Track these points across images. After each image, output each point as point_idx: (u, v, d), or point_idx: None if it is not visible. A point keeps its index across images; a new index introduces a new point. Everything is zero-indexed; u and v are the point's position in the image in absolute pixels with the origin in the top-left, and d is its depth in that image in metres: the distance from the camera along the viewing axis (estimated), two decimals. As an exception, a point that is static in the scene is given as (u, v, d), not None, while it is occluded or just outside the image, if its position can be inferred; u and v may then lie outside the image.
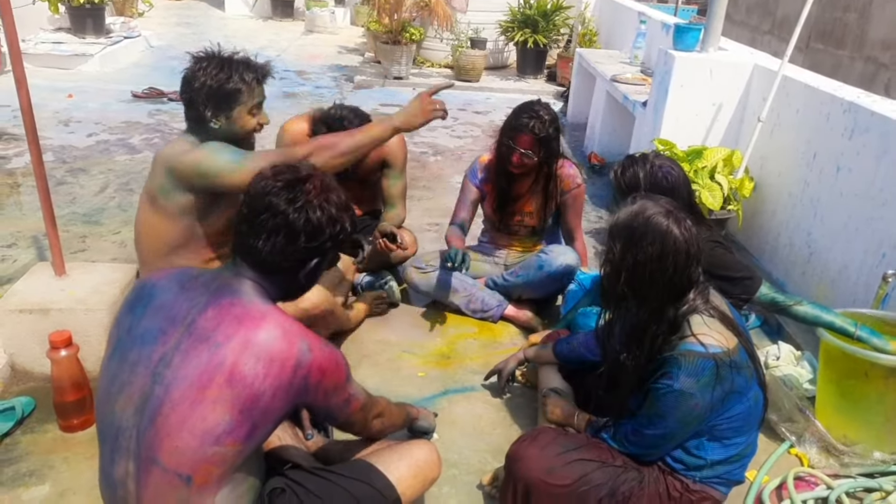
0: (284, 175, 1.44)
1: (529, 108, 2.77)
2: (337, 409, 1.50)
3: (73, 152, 4.76)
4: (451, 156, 5.28)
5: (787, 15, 9.26)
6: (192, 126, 2.22)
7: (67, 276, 2.56)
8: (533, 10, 7.76)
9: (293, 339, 1.36)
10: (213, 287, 1.41)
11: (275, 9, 11.27)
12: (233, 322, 1.35)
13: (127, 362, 1.39)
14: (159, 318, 1.39)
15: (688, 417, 1.70)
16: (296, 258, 1.46)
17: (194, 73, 2.14)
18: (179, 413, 1.31)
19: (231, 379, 1.31)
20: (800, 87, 3.38)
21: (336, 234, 1.47)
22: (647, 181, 2.21)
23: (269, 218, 1.41)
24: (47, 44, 7.07)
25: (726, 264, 2.29)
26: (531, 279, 2.91)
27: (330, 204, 1.45)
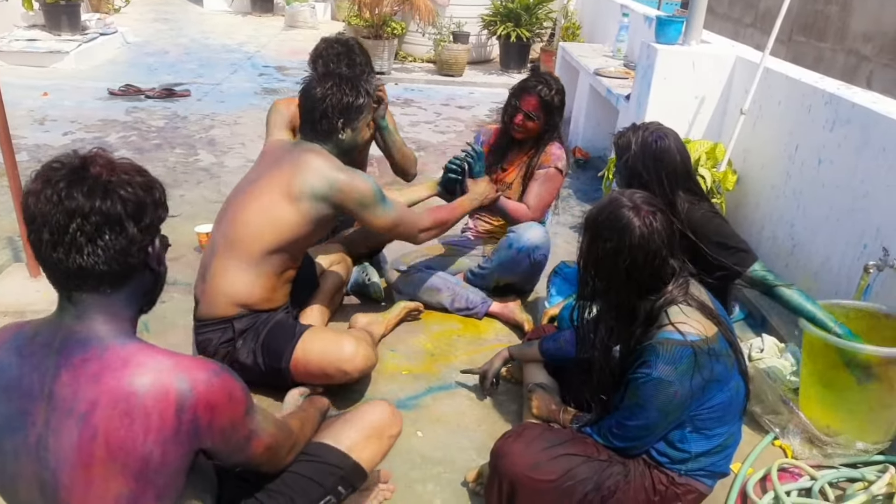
0: (60, 172, 1.16)
1: (540, 75, 2.96)
2: (236, 449, 1.30)
3: (49, 151, 4.68)
4: (435, 151, 5.26)
5: (770, 7, 9.31)
6: (317, 136, 2.35)
7: (42, 278, 2.48)
8: (515, 4, 7.73)
9: (167, 380, 1.16)
10: (56, 345, 1.18)
11: (254, 4, 11.16)
12: (90, 383, 1.14)
13: (8, 454, 1.21)
14: (14, 401, 1.19)
15: (668, 406, 1.70)
16: (136, 249, 1.21)
17: (326, 91, 2.30)
18: (77, 496, 1.16)
19: (110, 450, 1.13)
20: (781, 79, 3.39)
21: (158, 200, 1.24)
22: (637, 145, 2.30)
23: (82, 223, 1.14)
24: (21, 41, 6.96)
25: (724, 233, 2.34)
26: (503, 259, 2.91)
27: (128, 173, 1.20)
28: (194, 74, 7.10)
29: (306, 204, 2.25)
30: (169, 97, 6.15)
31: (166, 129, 5.35)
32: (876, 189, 2.65)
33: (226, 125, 5.54)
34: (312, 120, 2.32)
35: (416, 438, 2.28)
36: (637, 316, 1.76)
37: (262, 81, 7.04)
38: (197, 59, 7.81)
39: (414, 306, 2.97)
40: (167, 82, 6.53)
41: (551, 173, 2.93)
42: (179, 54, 8.04)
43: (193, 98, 6.23)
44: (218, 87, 6.68)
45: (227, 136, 5.23)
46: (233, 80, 6.98)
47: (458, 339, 2.89)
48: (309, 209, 2.25)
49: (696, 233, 2.28)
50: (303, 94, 2.35)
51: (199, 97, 6.28)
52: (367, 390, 2.50)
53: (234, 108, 5.99)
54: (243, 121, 5.66)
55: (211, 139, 5.15)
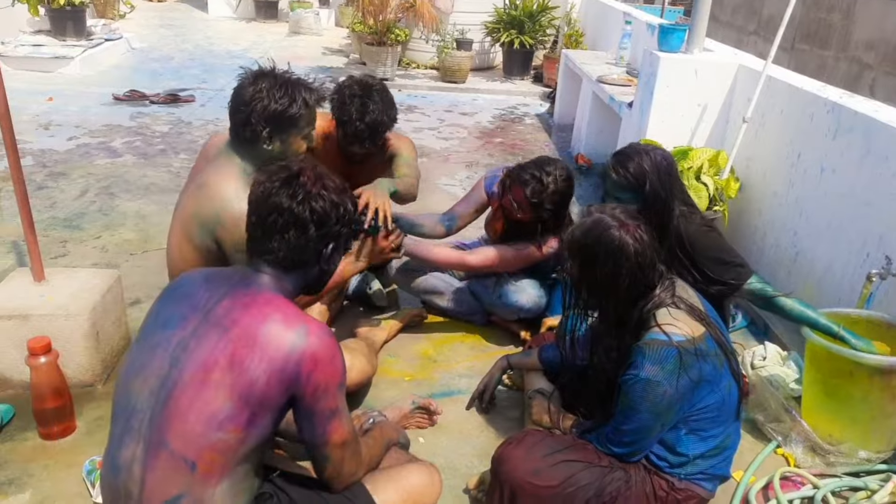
0: (279, 174, 1.50)
1: (542, 167, 2.61)
2: (320, 418, 1.43)
3: (53, 156, 4.70)
4: (438, 157, 5.27)
5: (773, 15, 9.33)
6: (240, 144, 2.10)
7: (47, 282, 2.51)
8: (519, 11, 7.76)
9: (291, 323, 1.39)
10: (234, 280, 1.48)
11: (258, 10, 11.21)
12: (241, 309, 1.40)
13: (148, 345, 1.44)
14: (183, 306, 1.45)
15: (658, 407, 1.71)
16: (311, 249, 1.51)
17: (254, 93, 2.03)
18: (188, 396, 1.34)
19: (231, 363, 1.34)
20: (784, 87, 3.40)
21: (342, 216, 1.53)
22: (653, 170, 2.21)
23: (277, 217, 1.46)
24: (27, 46, 6.99)
25: (720, 247, 2.32)
26: (493, 303, 2.87)
27: (328, 190, 1.50)
28: (199, 80, 7.13)
29: (195, 230, 2.06)
30: (173, 103, 6.18)
31: (170, 134, 5.37)
32: (878, 197, 2.66)
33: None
34: (236, 123, 2.06)
35: (419, 444, 2.28)
36: (627, 322, 1.78)
37: (266, 87, 7.05)
38: (201, 65, 7.85)
39: (417, 312, 2.97)
40: (172, 88, 6.56)
41: (531, 252, 2.72)
42: (184, 60, 8.07)
43: (197, 104, 6.26)
44: (222, 92, 6.70)
45: (230, 142, 5.24)
46: (237, 86, 7.01)
47: (460, 345, 2.89)
48: (198, 238, 2.06)
49: (692, 248, 2.28)
50: (233, 93, 2.09)
51: (203, 103, 6.30)
52: (368, 397, 2.50)
53: (237, 114, 6.00)
54: (247, 126, 5.67)
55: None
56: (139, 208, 3.96)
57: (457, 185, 4.71)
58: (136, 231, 3.69)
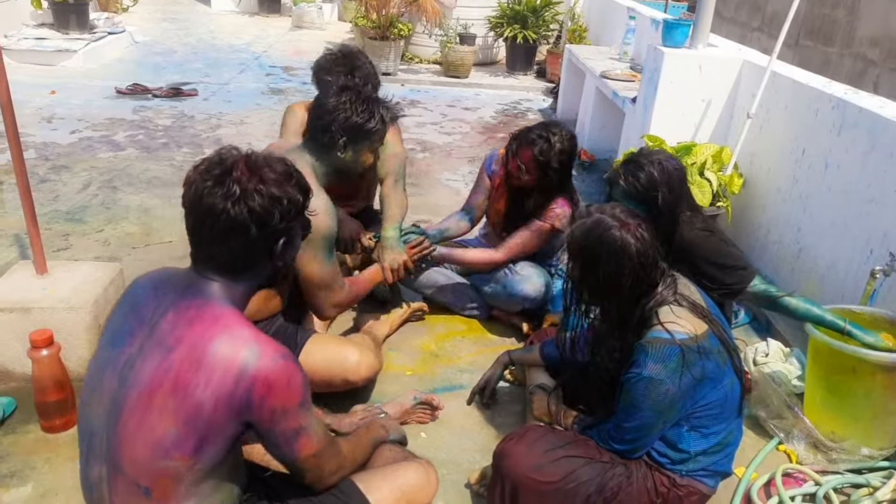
0: (212, 171, 1.33)
1: (547, 127, 2.68)
2: (283, 440, 1.33)
3: (56, 149, 4.70)
4: (440, 152, 5.26)
5: (777, 11, 9.30)
6: (316, 147, 2.21)
7: (49, 275, 2.52)
8: (522, 6, 7.73)
9: (240, 345, 1.26)
10: (180, 288, 1.36)
11: (261, 4, 11.19)
12: (185, 326, 1.29)
13: (100, 364, 1.37)
14: (131, 320, 1.36)
15: (661, 405, 1.71)
16: (258, 249, 1.37)
17: (338, 103, 2.17)
18: (135, 420, 1.26)
19: (175, 386, 1.24)
20: (788, 83, 3.38)
21: (288, 210, 1.37)
22: (664, 182, 2.15)
23: (214, 222, 1.31)
24: (30, 39, 6.99)
25: (720, 252, 2.29)
26: (497, 294, 2.87)
27: (267, 184, 1.33)
28: (201, 74, 7.12)
29: None
30: (176, 96, 6.17)
31: (173, 127, 5.36)
32: (883, 194, 2.64)
33: (232, 125, 5.55)
34: (315, 129, 2.20)
35: (421, 440, 2.28)
36: (630, 321, 1.77)
37: (269, 81, 7.05)
38: (204, 59, 7.84)
39: (418, 306, 2.97)
40: (174, 81, 6.55)
41: (543, 228, 2.76)
42: (187, 54, 8.06)
43: (200, 97, 6.25)
44: (225, 86, 6.70)
45: (233, 136, 5.24)
46: (240, 80, 7.00)
47: (462, 340, 2.89)
48: None
49: (692, 254, 2.25)
50: (316, 101, 2.26)
51: (206, 97, 6.29)
52: (371, 392, 2.50)
53: (240, 108, 6.01)
54: (250, 120, 5.68)
55: (217, 138, 5.16)
56: (142, 202, 3.96)
57: (459, 179, 4.71)
58: (139, 224, 3.68)
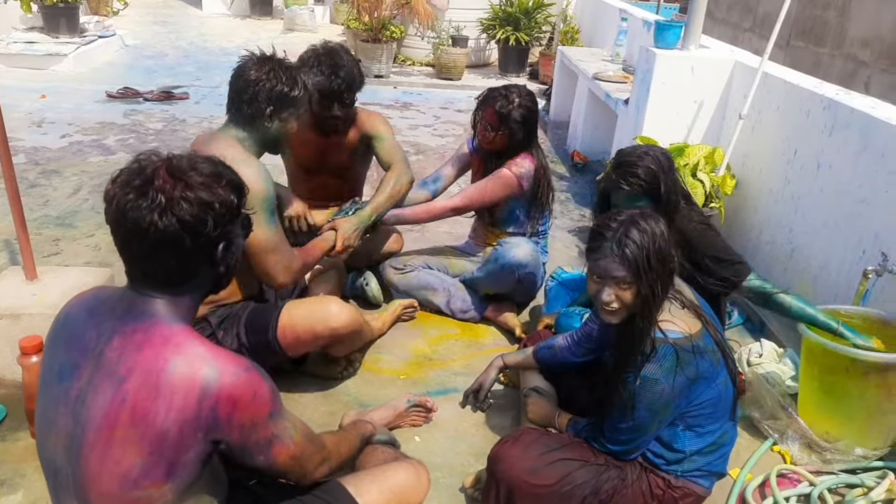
0: (132, 182, 1.24)
1: (506, 87, 2.81)
2: (256, 450, 1.29)
3: (46, 154, 4.68)
4: (433, 154, 5.25)
5: (768, 12, 9.33)
6: (240, 121, 2.22)
7: (39, 281, 2.50)
8: (514, 8, 7.74)
9: (197, 365, 1.21)
10: (119, 311, 1.28)
11: (253, 7, 11.17)
12: (133, 352, 1.22)
13: (51, 400, 1.29)
14: (72, 352, 1.28)
15: (656, 405, 1.70)
16: (196, 259, 1.28)
17: (261, 74, 2.18)
18: (97, 456, 1.21)
19: (134, 417, 1.18)
20: (780, 83, 3.39)
21: (222, 214, 1.28)
22: (660, 170, 2.19)
23: (142, 238, 1.22)
24: (20, 44, 6.95)
25: (717, 246, 2.32)
26: (490, 271, 2.86)
27: (193, 189, 1.24)
28: (192, 77, 7.10)
29: None
30: (167, 100, 6.15)
31: (164, 131, 5.34)
32: (875, 194, 2.65)
33: (224, 128, 5.53)
34: (240, 101, 2.19)
35: (415, 443, 2.27)
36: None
37: (261, 84, 7.02)
38: (195, 62, 7.82)
39: (409, 303, 2.96)
40: (165, 85, 6.53)
41: (503, 173, 2.79)
42: (178, 57, 8.04)
43: (192, 101, 6.23)
44: (216, 89, 6.67)
45: (225, 139, 5.22)
46: (231, 83, 6.98)
47: (456, 343, 2.88)
48: None
49: (690, 246, 2.27)
50: (235, 74, 2.22)
51: (197, 100, 6.27)
52: (365, 395, 2.49)
53: (232, 111, 5.98)
54: (242, 124, 5.65)
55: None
56: (133, 206, 3.94)
57: (452, 182, 4.69)
58: (130, 229, 3.66)
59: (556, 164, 5.23)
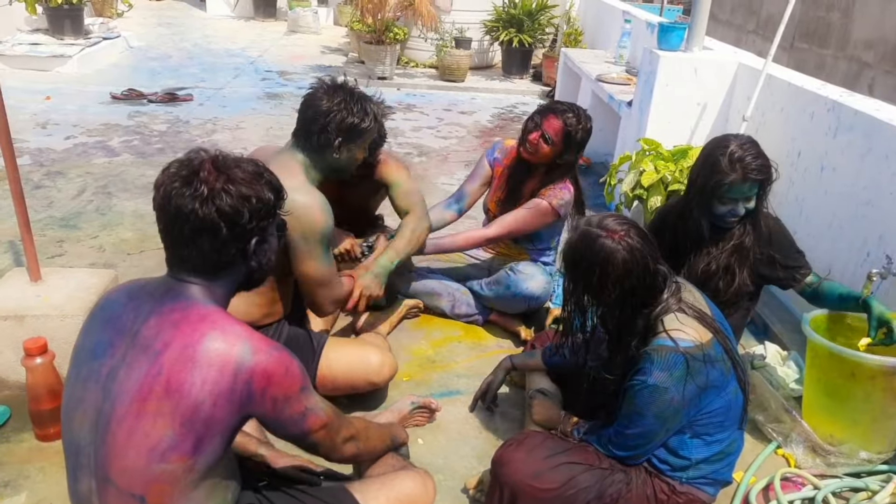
0: (179, 172, 1.34)
1: (575, 105, 2.77)
2: (291, 422, 1.37)
3: (51, 155, 4.69)
4: (437, 157, 5.26)
5: (772, 14, 9.32)
6: (309, 147, 2.19)
7: (43, 282, 2.50)
8: (518, 10, 7.74)
9: (233, 341, 1.28)
10: (157, 295, 1.36)
11: (257, 9, 11.19)
12: (170, 328, 1.29)
13: (80, 378, 1.35)
14: (108, 331, 1.35)
15: (665, 413, 1.70)
16: (231, 249, 1.36)
17: (332, 105, 2.16)
18: (125, 430, 1.26)
19: (168, 389, 1.24)
20: (784, 85, 3.39)
21: (258, 209, 1.36)
22: (760, 151, 2.24)
23: (183, 223, 1.32)
24: (24, 45, 6.97)
25: (790, 242, 2.38)
26: (500, 296, 2.86)
27: (234, 182, 1.34)
28: (197, 79, 7.11)
29: None
30: (171, 101, 6.16)
31: (168, 133, 5.35)
32: (879, 196, 2.65)
33: (228, 129, 5.54)
34: (309, 131, 2.18)
35: (417, 446, 2.27)
36: (634, 330, 1.77)
37: (265, 86, 7.04)
38: (199, 64, 7.83)
39: (414, 303, 2.97)
40: (170, 87, 6.54)
41: (542, 206, 2.74)
42: (182, 59, 8.05)
43: (196, 102, 6.24)
44: (220, 91, 6.69)
45: (229, 141, 5.24)
46: (235, 85, 6.99)
47: (459, 345, 2.87)
48: None
49: (780, 239, 2.35)
50: (306, 103, 2.22)
51: (201, 102, 6.28)
52: (368, 398, 2.48)
53: (236, 113, 6.00)
54: (245, 125, 5.67)
55: (213, 143, 5.14)
56: (137, 207, 3.95)
57: (456, 184, 4.67)
58: (134, 230, 3.67)
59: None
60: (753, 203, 2.25)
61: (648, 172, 3.45)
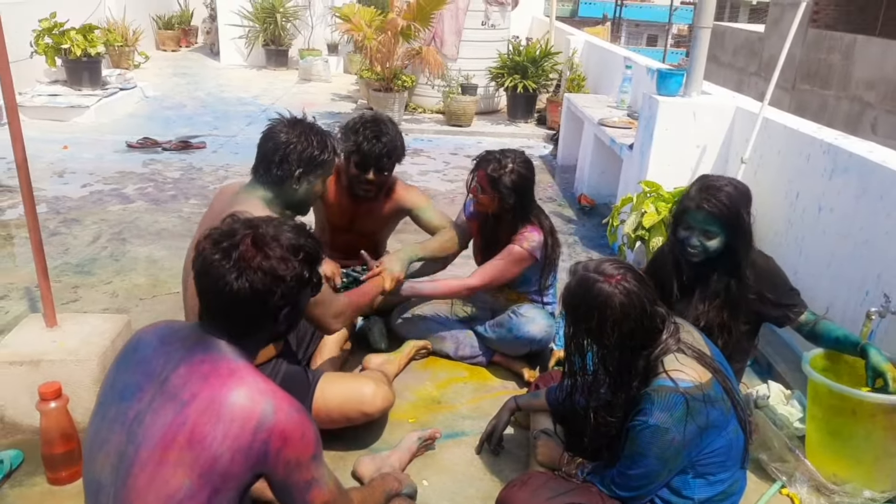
0: (221, 244, 1.40)
1: (501, 152, 2.77)
2: (297, 490, 1.38)
3: (67, 203, 4.81)
4: (443, 199, 5.34)
5: (773, 56, 9.46)
6: (269, 180, 2.25)
7: (58, 328, 2.57)
8: (522, 57, 7.92)
9: (257, 398, 1.32)
10: (189, 343, 1.40)
11: (269, 58, 11.47)
12: (199, 380, 1.33)
13: (107, 419, 1.39)
14: (138, 374, 1.39)
15: (666, 453, 1.72)
16: (261, 319, 1.44)
17: (290, 137, 2.23)
18: (147, 475, 1.29)
19: (191, 440, 1.28)
20: (780, 128, 3.46)
21: (291, 287, 1.43)
22: (742, 197, 2.23)
23: (218, 294, 1.38)
24: (43, 96, 7.17)
25: (783, 281, 2.38)
26: (503, 338, 2.90)
27: (270, 259, 1.40)
28: (210, 127, 7.28)
29: None
30: (185, 149, 6.30)
31: (182, 180, 5.48)
32: (875, 236, 2.69)
33: (239, 175, 5.65)
34: (269, 162, 2.24)
35: (423, 487, 2.28)
36: (635, 371, 1.80)
37: (276, 133, 7.17)
38: (213, 112, 8.02)
39: (422, 345, 3.01)
40: (183, 135, 6.70)
41: (515, 251, 2.76)
42: (196, 107, 8.26)
43: (209, 150, 6.39)
44: (233, 138, 6.84)
45: (240, 187, 5.33)
46: (247, 132, 7.14)
47: (464, 386, 2.90)
48: None
49: (772, 279, 2.34)
50: (265, 137, 2.29)
51: (214, 149, 6.43)
52: (375, 441, 2.51)
53: (247, 159, 6.00)
54: (256, 172, 5.77)
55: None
56: (150, 253, 4.04)
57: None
58: (147, 276, 3.75)
59: (563, 207, 5.30)
60: (716, 243, 2.22)
61: (650, 214, 3.51)
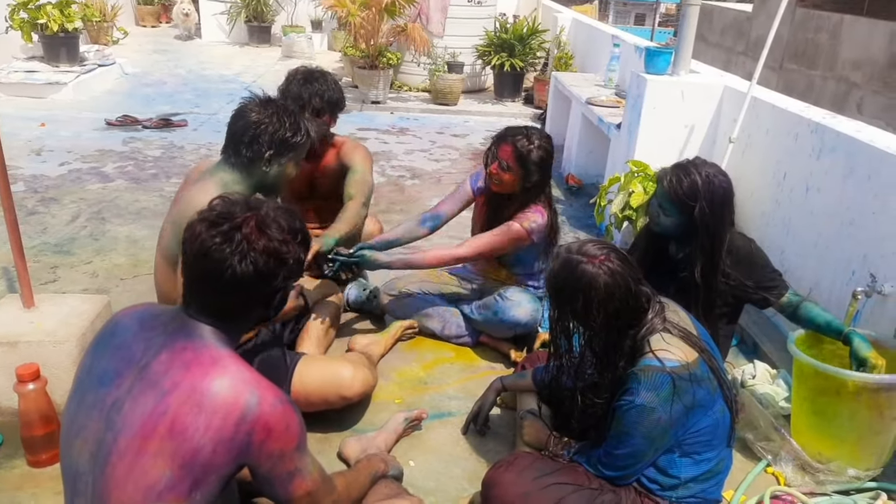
0: (220, 227, 1.36)
1: (524, 127, 2.76)
2: (279, 480, 1.36)
3: (45, 181, 4.71)
4: (429, 179, 5.30)
5: (761, 36, 9.46)
6: (238, 162, 2.18)
7: (36, 308, 2.51)
8: (509, 35, 7.85)
9: (241, 389, 1.29)
10: (170, 329, 1.36)
11: (251, 35, 11.30)
12: (181, 368, 1.29)
13: (84, 404, 1.35)
14: (116, 360, 1.35)
15: (653, 432, 1.72)
16: (257, 302, 1.43)
17: (262, 117, 2.16)
18: (125, 464, 1.26)
19: (172, 430, 1.24)
20: (768, 107, 3.45)
21: (291, 269, 1.43)
22: (706, 190, 2.23)
23: (217, 277, 1.35)
24: (20, 73, 7.02)
25: (767, 259, 2.39)
26: (488, 321, 2.87)
27: (273, 241, 1.39)
28: (191, 105, 7.17)
29: (173, 247, 2.09)
30: (165, 127, 6.21)
31: (162, 158, 5.39)
32: (862, 216, 2.69)
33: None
34: (238, 143, 2.16)
35: (409, 468, 2.27)
36: (621, 351, 1.79)
37: (259, 111, 7.08)
38: (194, 90, 7.89)
39: (409, 324, 2.99)
40: (164, 112, 6.59)
41: (513, 228, 2.70)
42: (177, 85, 8.12)
43: (190, 128, 6.29)
44: (214, 116, 6.74)
45: (222, 166, 5.26)
46: (229, 110, 6.92)
47: (450, 366, 2.89)
48: (175, 254, 2.06)
49: (751, 263, 2.33)
50: (235, 115, 2.21)
51: (195, 127, 6.33)
52: (360, 421, 2.49)
53: (230, 138, 6.02)
54: (239, 150, 5.69)
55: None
56: (130, 233, 3.97)
57: (448, 206, 4.73)
58: (127, 256, 3.69)
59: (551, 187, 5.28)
60: (668, 222, 2.28)
61: (637, 193, 3.49)
